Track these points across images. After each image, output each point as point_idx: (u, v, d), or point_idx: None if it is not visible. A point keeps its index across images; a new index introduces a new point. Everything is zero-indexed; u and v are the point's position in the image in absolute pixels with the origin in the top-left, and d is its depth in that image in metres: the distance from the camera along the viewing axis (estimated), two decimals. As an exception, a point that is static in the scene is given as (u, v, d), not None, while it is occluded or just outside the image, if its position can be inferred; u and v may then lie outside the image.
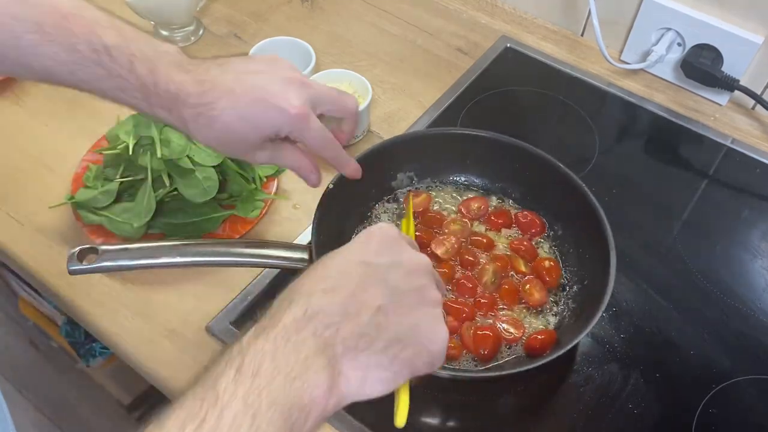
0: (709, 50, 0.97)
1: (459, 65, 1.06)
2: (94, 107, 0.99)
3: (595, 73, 1.06)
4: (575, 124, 1.00)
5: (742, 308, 0.80)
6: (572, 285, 0.77)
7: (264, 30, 1.11)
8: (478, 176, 0.87)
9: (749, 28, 0.94)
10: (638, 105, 1.02)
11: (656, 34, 1.02)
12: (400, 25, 1.13)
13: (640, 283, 0.81)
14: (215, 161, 0.81)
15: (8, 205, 0.87)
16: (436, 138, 0.86)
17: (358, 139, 0.95)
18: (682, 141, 0.99)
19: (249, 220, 0.83)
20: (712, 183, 0.94)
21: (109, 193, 0.81)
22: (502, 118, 1.00)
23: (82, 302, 0.78)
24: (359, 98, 0.95)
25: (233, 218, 0.83)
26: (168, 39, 1.08)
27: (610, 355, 0.75)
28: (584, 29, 1.10)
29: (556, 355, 0.65)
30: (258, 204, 0.85)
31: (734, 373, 0.74)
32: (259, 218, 0.84)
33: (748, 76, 0.97)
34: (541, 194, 0.83)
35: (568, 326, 0.73)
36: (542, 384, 0.74)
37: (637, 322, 0.78)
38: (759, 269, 0.84)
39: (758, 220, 0.90)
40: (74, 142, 0.93)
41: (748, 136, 0.99)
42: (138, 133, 0.82)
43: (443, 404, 0.72)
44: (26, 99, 1.00)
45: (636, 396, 0.72)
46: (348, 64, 1.04)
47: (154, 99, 0.60)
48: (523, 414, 0.74)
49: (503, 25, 1.13)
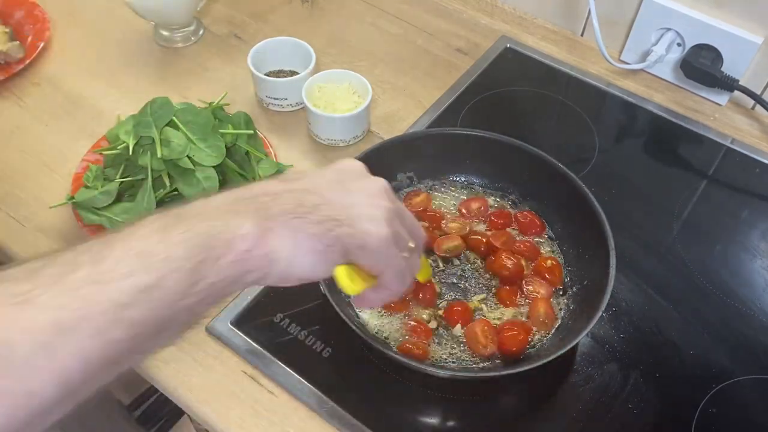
0: (709, 50, 0.97)
1: (459, 65, 1.06)
2: (94, 107, 0.99)
3: (595, 73, 1.06)
4: (575, 124, 1.00)
5: (742, 308, 0.80)
6: (572, 285, 0.77)
7: (264, 30, 1.11)
8: (478, 176, 0.87)
9: (749, 28, 0.94)
10: (638, 105, 1.02)
11: (656, 34, 1.02)
12: (400, 25, 1.13)
13: (639, 283, 0.81)
14: (215, 161, 0.81)
15: (8, 205, 0.87)
16: (436, 138, 0.86)
17: (358, 139, 0.95)
18: (681, 141, 0.99)
19: (249, 220, 0.83)
20: (711, 183, 0.94)
21: (109, 193, 0.81)
22: (502, 118, 1.00)
23: (82, 302, 0.78)
24: (359, 98, 0.95)
25: (233, 218, 0.83)
26: (168, 39, 1.08)
27: (610, 355, 0.75)
28: (584, 29, 1.10)
29: (556, 355, 0.65)
30: (258, 204, 0.84)
31: (734, 373, 0.74)
32: (259, 218, 0.84)
33: (748, 76, 0.97)
34: (541, 194, 0.83)
35: (568, 326, 0.73)
36: (542, 384, 0.74)
37: (636, 322, 0.78)
38: (759, 269, 0.84)
39: (758, 220, 0.90)
40: (74, 142, 0.93)
41: (748, 136, 0.99)
42: (138, 133, 0.82)
43: (443, 404, 0.72)
44: (26, 99, 1.00)
45: (636, 396, 0.72)
46: (348, 64, 1.04)
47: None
48: (523, 414, 0.74)
49: (503, 25, 1.13)
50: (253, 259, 0.45)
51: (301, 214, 0.47)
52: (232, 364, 0.74)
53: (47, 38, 1.06)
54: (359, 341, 0.67)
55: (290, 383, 0.72)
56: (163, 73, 1.05)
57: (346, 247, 0.49)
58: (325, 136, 0.93)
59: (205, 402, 0.71)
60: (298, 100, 0.95)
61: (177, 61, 1.06)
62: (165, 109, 0.83)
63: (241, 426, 0.69)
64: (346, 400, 0.71)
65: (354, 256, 0.50)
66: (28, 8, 1.09)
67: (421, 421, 0.72)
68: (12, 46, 1.01)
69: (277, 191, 0.48)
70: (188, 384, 0.72)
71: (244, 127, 0.88)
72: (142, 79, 1.03)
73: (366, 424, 0.69)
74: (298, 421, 0.70)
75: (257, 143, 0.90)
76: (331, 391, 0.71)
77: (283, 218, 0.46)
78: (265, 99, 0.98)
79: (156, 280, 0.40)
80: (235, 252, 0.44)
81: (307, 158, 0.93)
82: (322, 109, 0.91)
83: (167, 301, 0.41)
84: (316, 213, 0.48)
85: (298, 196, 0.49)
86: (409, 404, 0.72)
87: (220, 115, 0.88)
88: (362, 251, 0.50)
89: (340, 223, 0.49)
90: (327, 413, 0.70)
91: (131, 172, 0.83)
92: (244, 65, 0.97)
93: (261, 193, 0.48)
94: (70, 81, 1.03)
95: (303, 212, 0.47)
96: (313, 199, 0.49)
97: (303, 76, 0.95)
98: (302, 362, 0.73)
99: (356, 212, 0.50)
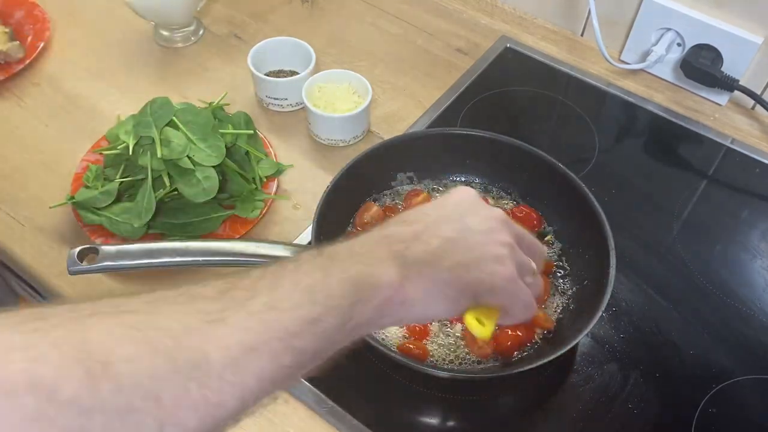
0: (709, 50, 0.97)
1: (459, 65, 1.06)
2: (94, 107, 0.99)
3: (595, 74, 1.06)
4: (575, 124, 1.00)
5: (742, 308, 0.80)
6: (572, 285, 0.77)
7: (264, 30, 1.11)
8: (478, 176, 0.87)
9: (749, 28, 0.94)
10: (638, 105, 1.02)
11: (656, 34, 1.02)
12: (400, 25, 1.13)
13: (639, 283, 0.81)
14: (215, 161, 0.81)
15: (8, 205, 0.87)
16: (436, 138, 0.86)
17: (358, 139, 0.95)
18: (681, 141, 0.99)
19: (249, 220, 0.83)
20: (711, 183, 0.94)
21: (109, 193, 0.81)
22: (501, 118, 1.00)
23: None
24: (359, 98, 0.95)
25: (233, 218, 0.83)
26: (168, 39, 1.08)
27: (610, 355, 0.75)
28: (584, 29, 1.10)
29: (556, 355, 0.65)
30: (258, 204, 0.85)
31: (734, 372, 0.74)
32: (259, 218, 0.84)
33: (748, 76, 0.97)
34: (541, 194, 0.83)
35: (567, 326, 0.73)
36: (542, 384, 0.74)
37: (636, 322, 0.78)
38: (759, 269, 0.84)
39: (758, 220, 0.90)
40: (74, 142, 0.93)
41: (748, 136, 0.99)
42: (138, 133, 0.82)
43: (443, 404, 0.72)
44: (26, 99, 1.00)
45: (636, 396, 0.72)
46: (348, 64, 1.04)
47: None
48: (523, 414, 0.74)
49: (503, 25, 1.13)
50: (391, 305, 0.47)
51: (432, 262, 0.49)
52: (232, 364, 0.74)
53: (47, 38, 1.06)
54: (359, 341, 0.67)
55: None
56: (163, 73, 1.05)
57: (476, 291, 0.51)
58: (325, 136, 0.93)
59: (205, 402, 0.71)
60: (298, 100, 0.95)
61: (177, 61, 1.06)
62: (165, 109, 0.83)
63: (240, 426, 0.69)
64: (346, 400, 0.71)
65: (483, 299, 0.52)
66: (28, 8, 1.09)
67: (421, 421, 0.72)
68: (12, 46, 1.01)
69: (408, 238, 0.50)
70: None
71: (244, 127, 0.88)
72: (142, 79, 1.03)
73: (366, 424, 0.69)
74: (298, 421, 0.70)
75: (257, 143, 0.90)
76: (331, 391, 0.71)
77: (417, 267, 0.48)
78: (265, 99, 0.98)
79: (319, 314, 0.43)
80: (380, 297, 0.46)
81: (307, 158, 0.93)
82: (322, 109, 0.91)
83: (327, 335, 0.43)
84: (445, 260, 0.50)
85: (425, 243, 0.50)
86: (409, 404, 0.72)
87: (220, 115, 0.88)
88: (491, 294, 0.52)
89: (468, 268, 0.50)
90: (327, 413, 0.70)
91: (131, 172, 0.83)
92: (244, 65, 0.97)
93: (396, 241, 0.50)
94: (70, 81, 1.03)
95: (433, 260, 0.49)
96: (440, 244, 0.50)
97: (303, 76, 0.95)
98: (302, 362, 0.73)
99: (480, 254, 0.51)
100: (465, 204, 0.56)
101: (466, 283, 0.50)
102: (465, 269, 0.50)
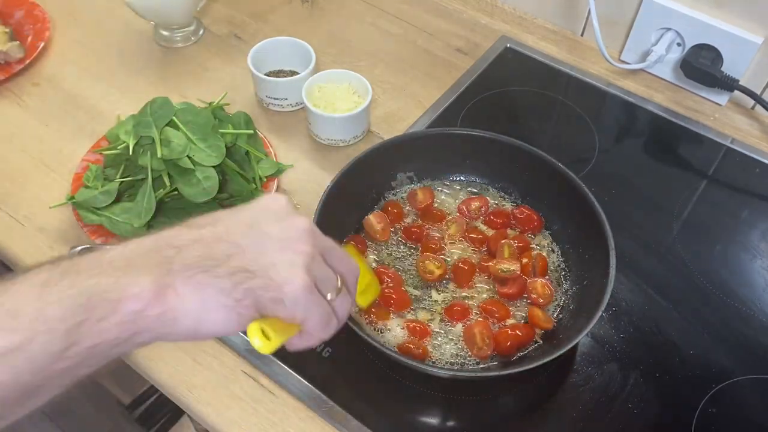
0: (709, 50, 0.97)
1: (459, 65, 1.06)
2: (94, 107, 0.99)
3: (595, 73, 1.06)
4: (575, 124, 1.00)
5: (742, 308, 0.80)
6: (572, 285, 0.77)
7: (264, 30, 1.11)
8: (478, 176, 0.87)
9: (749, 28, 0.94)
10: (638, 105, 1.02)
11: (656, 34, 1.02)
12: (400, 25, 1.13)
13: (639, 283, 0.81)
14: (215, 161, 0.81)
15: (8, 205, 0.87)
16: (436, 138, 0.86)
17: (358, 139, 0.95)
18: (681, 141, 0.99)
19: (249, 220, 0.83)
20: (711, 183, 0.94)
21: (109, 193, 0.81)
22: (501, 118, 1.00)
23: (82, 302, 0.78)
24: (359, 98, 0.95)
25: (233, 218, 0.83)
26: (168, 39, 1.08)
27: (610, 355, 0.75)
28: (584, 29, 1.10)
29: (556, 355, 0.65)
30: (258, 204, 0.84)
31: (734, 372, 0.74)
32: (259, 218, 0.84)
33: (748, 76, 0.97)
34: (541, 194, 0.83)
35: (567, 326, 0.73)
36: (542, 384, 0.74)
37: (636, 321, 0.78)
38: (759, 269, 0.84)
39: (758, 220, 0.90)
40: (74, 142, 0.93)
41: (748, 136, 0.99)
42: (138, 133, 0.82)
43: (443, 404, 0.72)
44: (26, 99, 1.00)
45: (636, 396, 0.72)
46: (348, 64, 1.04)
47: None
48: (523, 414, 0.74)
49: (503, 25, 1.13)
50: (145, 320, 0.42)
51: (209, 267, 0.44)
52: (232, 363, 0.74)
53: (47, 38, 1.06)
54: (359, 341, 0.67)
55: (290, 383, 0.72)
56: (163, 73, 1.05)
57: (259, 301, 0.45)
58: (325, 136, 0.93)
59: (204, 402, 0.71)
60: (298, 100, 0.95)
61: (177, 61, 1.06)
62: (165, 109, 0.83)
63: (240, 426, 0.69)
64: (346, 400, 0.71)
65: (269, 310, 0.46)
66: (28, 8, 1.09)
67: (421, 421, 0.72)
68: (12, 46, 1.01)
69: (185, 243, 0.45)
70: (188, 384, 0.72)
71: (244, 127, 0.88)
72: (142, 79, 1.03)
73: (366, 424, 0.69)
74: (298, 421, 0.70)
75: (257, 143, 0.90)
76: (331, 391, 0.71)
77: (186, 273, 0.43)
78: (265, 99, 0.98)
79: (20, 342, 0.37)
80: (123, 313, 0.41)
81: (307, 158, 0.93)
82: (322, 109, 0.91)
83: (35, 366, 0.38)
84: (225, 265, 0.45)
85: (207, 247, 0.45)
86: (409, 404, 0.72)
87: (220, 115, 0.88)
88: (277, 304, 0.46)
89: (252, 274, 0.45)
90: (327, 413, 0.70)
91: (131, 172, 0.83)
92: (244, 65, 0.97)
93: (166, 245, 0.45)
94: (70, 81, 1.03)
95: (210, 265, 0.44)
96: (225, 248, 0.45)
97: (303, 76, 0.95)
98: (302, 362, 0.73)
99: (270, 260, 0.46)
100: (269, 212, 0.50)
101: (246, 290, 0.45)
102: (248, 276, 0.45)
